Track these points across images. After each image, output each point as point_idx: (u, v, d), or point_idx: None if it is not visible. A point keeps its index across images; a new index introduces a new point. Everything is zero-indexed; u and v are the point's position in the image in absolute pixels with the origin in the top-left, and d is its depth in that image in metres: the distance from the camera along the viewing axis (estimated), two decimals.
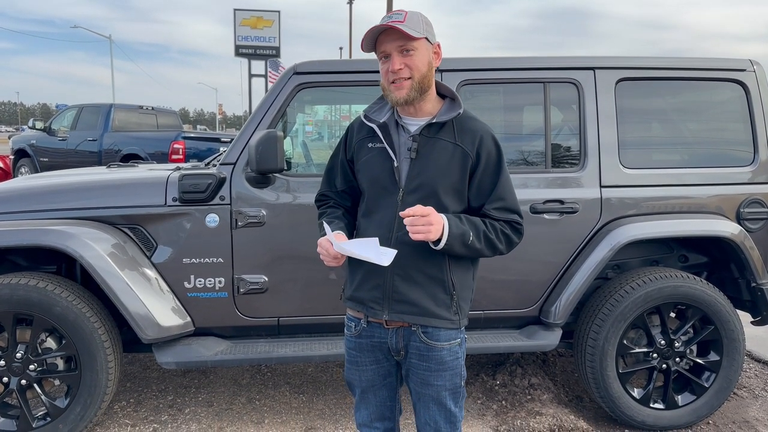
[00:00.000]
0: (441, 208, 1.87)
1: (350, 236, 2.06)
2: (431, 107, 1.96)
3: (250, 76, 23.92)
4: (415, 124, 1.96)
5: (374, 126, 1.97)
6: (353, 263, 1.96)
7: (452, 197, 1.92)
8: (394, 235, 1.90)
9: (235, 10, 23.18)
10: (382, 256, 1.77)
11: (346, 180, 2.12)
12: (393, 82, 1.89)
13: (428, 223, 1.76)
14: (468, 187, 1.94)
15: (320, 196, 2.22)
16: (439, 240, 1.81)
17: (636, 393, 3.33)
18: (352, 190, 2.13)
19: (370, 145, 2.00)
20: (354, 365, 2.09)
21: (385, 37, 1.87)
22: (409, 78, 1.87)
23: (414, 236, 1.77)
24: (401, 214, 1.78)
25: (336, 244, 1.85)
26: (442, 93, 2.00)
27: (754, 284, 3.41)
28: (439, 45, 1.95)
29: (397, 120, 1.98)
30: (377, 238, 1.79)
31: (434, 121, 1.92)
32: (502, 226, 1.93)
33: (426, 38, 1.88)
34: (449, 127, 1.93)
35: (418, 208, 1.76)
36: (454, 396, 2.01)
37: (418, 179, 1.91)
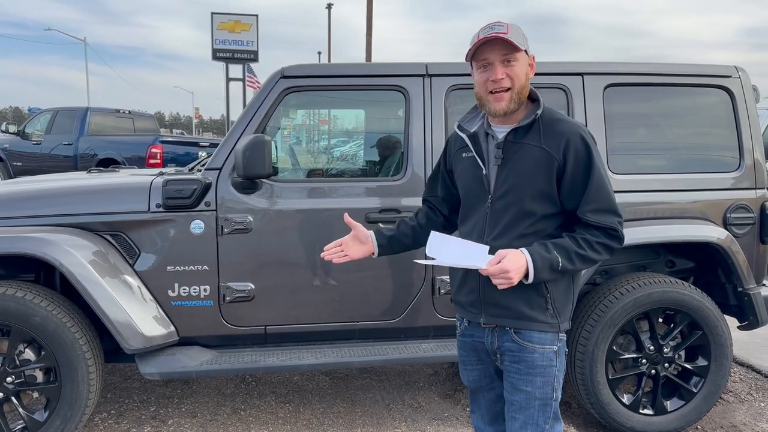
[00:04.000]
0: (526, 213, 1.89)
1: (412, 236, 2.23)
2: (520, 114, 1.95)
3: (228, 80, 23.69)
4: (502, 131, 1.96)
5: (464, 136, 2.02)
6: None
7: (540, 202, 1.90)
8: (484, 240, 1.93)
9: (212, 13, 22.95)
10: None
11: (445, 188, 2.22)
12: (492, 92, 1.89)
13: (503, 273, 1.76)
14: (559, 190, 1.90)
15: (423, 200, 2.33)
16: (527, 276, 1.82)
17: (625, 399, 3.33)
18: (451, 198, 2.21)
19: (464, 155, 2.05)
20: (462, 365, 2.17)
21: (486, 47, 1.87)
22: (509, 89, 1.88)
23: (500, 288, 1.81)
24: (481, 272, 1.82)
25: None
26: (530, 96, 1.99)
27: (740, 289, 3.44)
28: (533, 57, 1.95)
29: (486, 129, 2.01)
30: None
31: (518, 126, 1.92)
32: (596, 237, 1.87)
33: (525, 50, 1.89)
34: (535, 130, 1.91)
35: (490, 267, 1.77)
36: (544, 408, 1.95)
37: (504, 185, 1.92)
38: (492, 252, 1.83)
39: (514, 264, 1.77)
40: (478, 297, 1.98)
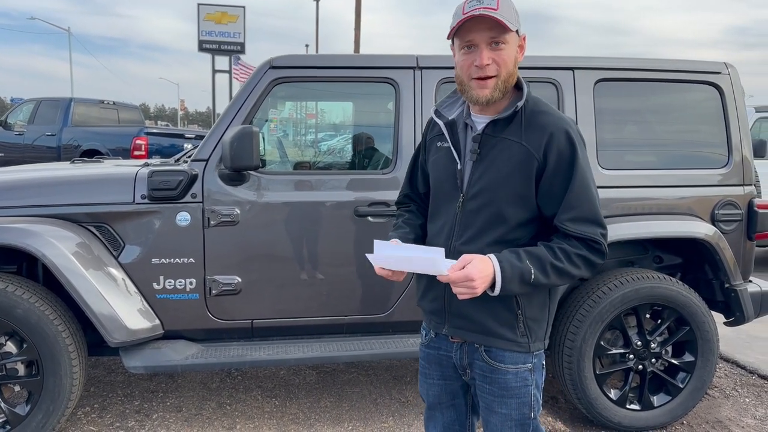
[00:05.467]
0: (502, 218, 1.69)
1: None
2: (503, 103, 1.73)
3: (214, 71, 23.52)
4: (482, 121, 1.75)
5: (441, 123, 1.80)
6: None
7: (516, 206, 1.69)
8: (452, 243, 1.75)
9: (198, 4, 22.77)
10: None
11: (425, 182, 1.97)
12: (476, 78, 1.66)
13: (466, 281, 1.55)
14: (537, 193, 1.69)
15: (402, 198, 2.08)
16: (493, 287, 1.61)
17: (612, 394, 3.33)
18: None
19: (438, 144, 1.84)
20: (423, 377, 1.97)
21: (473, 24, 1.63)
22: (495, 76, 1.65)
23: (461, 297, 1.60)
24: (439, 278, 1.60)
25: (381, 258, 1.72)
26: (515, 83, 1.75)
27: (727, 285, 3.45)
28: (524, 38, 1.73)
29: (465, 117, 1.79)
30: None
31: (497, 117, 1.70)
32: (575, 248, 1.65)
33: (516, 31, 1.66)
34: (516, 124, 1.69)
35: (452, 273, 1.56)
36: (522, 428, 1.79)
37: (478, 184, 1.71)
38: (457, 257, 1.61)
39: (479, 272, 1.55)
40: (442, 305, 1.80)
